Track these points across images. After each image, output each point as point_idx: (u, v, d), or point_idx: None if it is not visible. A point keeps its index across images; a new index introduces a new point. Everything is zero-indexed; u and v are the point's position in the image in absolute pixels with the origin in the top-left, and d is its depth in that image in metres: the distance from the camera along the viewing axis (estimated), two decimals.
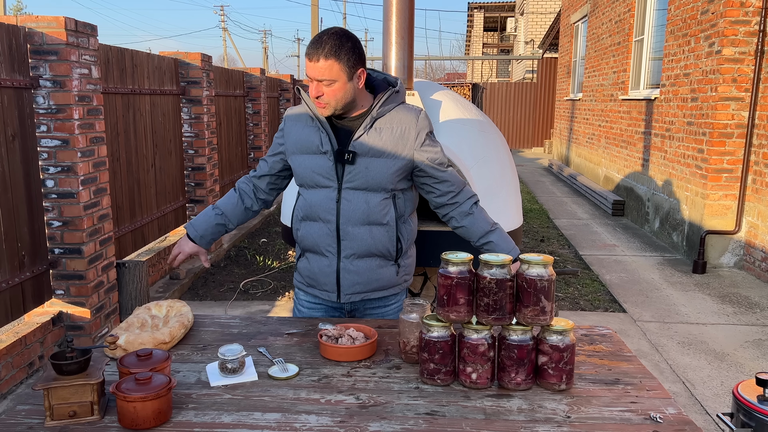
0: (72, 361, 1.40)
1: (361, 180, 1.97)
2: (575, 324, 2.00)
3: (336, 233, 2.00)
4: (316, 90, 1.88)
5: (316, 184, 2.01)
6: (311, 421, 1.41)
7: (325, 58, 1.83)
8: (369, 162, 1.96)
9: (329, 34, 1.85)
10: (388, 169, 1.97)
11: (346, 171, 1.97)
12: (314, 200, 2.01)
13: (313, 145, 1.99)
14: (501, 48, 25.88)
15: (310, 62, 1.86)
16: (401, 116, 1.99)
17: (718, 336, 4.17)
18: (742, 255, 5.74)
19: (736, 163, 5.68)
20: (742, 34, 5.48)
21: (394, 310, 2.16)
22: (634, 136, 8.06)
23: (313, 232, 2.04)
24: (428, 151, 1.99)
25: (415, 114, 2.00)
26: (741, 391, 1.77)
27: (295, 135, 2.04)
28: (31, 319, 3.60)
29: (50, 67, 3.50)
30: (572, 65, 12.99)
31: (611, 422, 1.42)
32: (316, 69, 1.85)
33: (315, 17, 21.16)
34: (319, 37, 1.86)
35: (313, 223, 2.04)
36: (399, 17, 3.52)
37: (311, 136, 2.00)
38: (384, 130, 1.97)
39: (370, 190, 1.98)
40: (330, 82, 1.86)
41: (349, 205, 1.98)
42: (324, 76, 1.84)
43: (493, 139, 3.72)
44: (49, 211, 3.65)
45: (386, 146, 1.96)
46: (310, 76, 1.87)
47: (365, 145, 1.95)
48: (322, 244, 2.03)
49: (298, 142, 2.03)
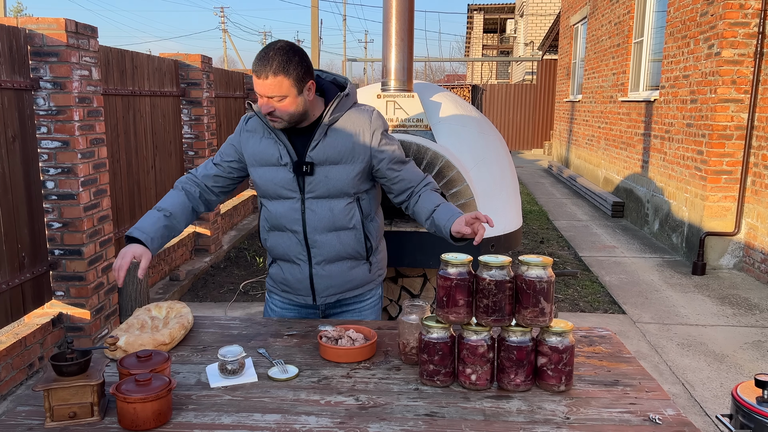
0: (72, 363, 1.40)
1: (322, 189, 1.98)
2: (574, 325, 2.00)
3: (304, 242, 2.02)
4: (266, 106, 1.85)
5: (279, 195, 2.01)
6: (311, 422, 1.41)
7: (274, 75, 1.80)
8: (328, 170, 1.96)
9: (275, 49, 1.82)
10: (347, 174, 1.98)
11: (307, 182, 1.97)
12: (279, 211, 2.02)
13: (273, 158, 1.98)
14: (501, 50, 25.90)
15: (258, 79, 1.82)
16: (354, 119, 1.98)
17: (717, 337, 4.17)
18: (741, 256, 5.74)
19: (735, 164, 5.69)
20: (742, 35, 5.49)
21: (370, 305, 2.19)
22: (634, 138, 8.07)
23: (281, 241, 2.06)
24: (384, 150, 1.99)
25: (368, 114, 2.00)
26: (740, 393, 1.77)
27: (253, 147, 2.01)
28: (31, 320, 3.61)
29: (51, 68, 3.51)
30: (572, 67, 13.01)
31: (610, 423, 1.42)
32: (265, 86, 1.82)
33: (315, 19, 21.18)
34: (266, 53, 1.82)
35: (281, 233, 2.05)
36: (399, 19, 3.53)
37: (269, 149, 1.98)
38: (339, 136, 1.96)
39: (332, 197, 1.99)
40: (281, 98, 1.84)
41: (314, 214, 1.99)
42: (274, 92, 1.82)
43: (492, 141, 3.73)
44: (49, 212, 3.65)
45: (343, 152, 1.96)
46: (260, 92, 1.84)
47: (322, 154, 1.95)
48: (292, 252, 2.05)
49: (257, 155, 2.00)
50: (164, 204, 2.02)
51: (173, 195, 2.06)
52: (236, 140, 2.06)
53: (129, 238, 1.93)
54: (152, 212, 2.00)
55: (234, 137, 2.08)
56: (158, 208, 2.01)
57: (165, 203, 2.03)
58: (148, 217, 1.98)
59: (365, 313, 2.18)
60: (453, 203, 3.07)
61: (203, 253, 6.04)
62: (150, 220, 1.97)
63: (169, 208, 2.01)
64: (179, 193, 2.07)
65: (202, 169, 2.11)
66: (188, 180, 2.10)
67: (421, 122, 3.50)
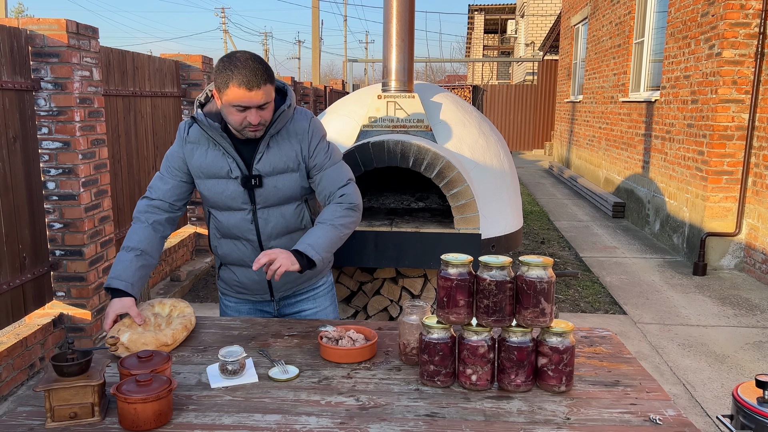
0: (73, 363, 1.40)
1: (273, 198, 1.99)
2: (575, 326, 2.00)
3: (259, 248, 2.03)
4: (256, 117, 1.82)
5: (229, 207, 2.00)
6: (311, 422, 1.41)
7: (265, 84, 1.80)
8: (276, 180, 1.97)
9: (251, 59, 1.79)
10: (295, 181, 2.00)
11: (257, 194, 1.97)
12: (230, 222, 2.01)
13: (222, 171, 1.95)
14: (501, 50, 25.90)
15: (250, 92, 1.77)
16: (296, 126, 1.98)
17: (718, 338, 4.17)
18: (742, 257, 5.74)
19: (736, 165, 5.68)
20: (742, 36, 5.49)
21: (324, 291, 2.23)
22: (635, 138, 8.06)
23: (234, 249, 2.06)
24: (317, 156, 2.00)
25: (307, 121, 2.00)
26: (741, 393, 1.77)
27: (199, 159, 1.97)
28: (32, 320, 3.61)
29: (51, 69, 3.51)
30: (572, 67, 13.01)
31: (611, 424, 1.42)
32: (259, 96, 1.79)
33: (316, 19, 21.20)
34: (246, 65, 1.77)
35: (234, 241, 2.06)
36: (399, 20, 3.53)
37: (218, 162, 1.95)
38: (282, 145, 1.96)
39: (283, 203, 2.01)
40: (267, 105, 1.85)
41: (267, 223, 2.01)
42: (266, 99, 1.82)
43: (492, 142, 3.73)
44: (50, 212, 3.66)
45: (287, 161, 1.97)
46: (250, 105, 1.79)
47: (268, 165, 1.95)
48: (247, 258, 2.05)
49: (204, 167, 1.97)
50: (132, 242, 1.94)
51: (139, 230, 1.97)
52: (180, 152, 2.00)
53: (109, 288, 1.88)
54: (123, 255, 1.92)
55: (177, 148, 2.01)
56: (128, 248, 1.93)
57: (132, 241, 1.94)
58: (121, 263, 1.90)
59: (320, 299, 2.22)
60: (453, 204, 3.07)
61: (204, 253, 6.04)
62: (124, 265, 1.90)
63: (139, 246, 1.94)
64: (144, 227, 1.98)
65: (158, 191, 2.01)
66: (148, 208, 2.00)
67: (422, 123, 3.51)
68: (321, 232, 1.94)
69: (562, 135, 13.90)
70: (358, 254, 3.14)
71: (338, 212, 1.98)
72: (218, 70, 1.82)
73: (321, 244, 1.91)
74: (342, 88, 17.42)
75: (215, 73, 1.84)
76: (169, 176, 2.02)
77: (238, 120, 1.83)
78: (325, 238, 1.93)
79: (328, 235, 1.94)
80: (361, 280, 3.63)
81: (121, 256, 1.93)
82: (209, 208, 2.06)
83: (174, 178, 2.01)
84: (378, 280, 3.61)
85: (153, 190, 2.03)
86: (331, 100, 14.15)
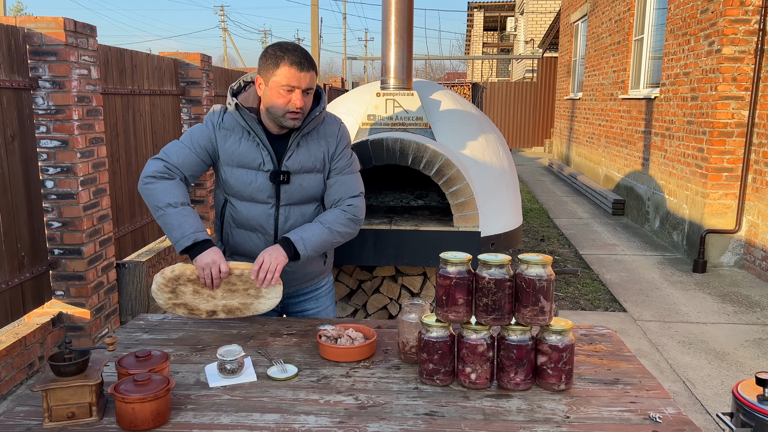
0: (70, 363, 1.40)
1: (297, 196, 2.01)
2: (575, 324, 2.00)
3: (273, 243, 2.04)
4: (301, 100, 1.86)
5: (253, 198, 2.01)
6: (310, 421, 1.41)
7: (312, 68, 1.88)
8: (302, 178, 2.00)
9: (297, 45, 1.89)
10: (320, 182, 2.04)
11: (282, 190, 1.99)
12: (251, 214, 2.02)
13: (255, 163, 1.97)
14: (501, 47, 25.86)
15: (301, 72, 1.84)
16: (326, 129, 2.04)
17: (718, 335, 4.17)
18: (742, 254, 5.74)
19: (736, 162, 5.68)
20: (742, 32, 5.47)
21: (325, 291, 2.26)
22: (634, 136, 8.05)
23: (248, 240, 2.07)
24: (339, 162, 2.05)
25: (337, 126, 2.06)
26: (741, 391, 1.77)
27: (231, 147, 1.97)
28: (31, 319, 3.60)
29: (49, 67, 3.50)
30: (572, 64, 12.99)
31: (610, 422, 1.41)
32: (307, 79, 1.86)
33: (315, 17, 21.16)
34: (298, 49, 1.87)
35: (249, 233, 2.06)
36: (398, 17, 3.52)
37: (251, 152, 1.96)
38: (311, 145, 2.00)
39: (305, 202, 2.04)
40: (311, 91, 1.91)
41: (287, 220, 2.02)
42: (311, 85, 1.89)
43: (492, 139, 3.72)
44: (48, 211, 3.65)
45: (316, 161, 2.01)
46: (297, 85, 1.84)
47: (296, 163, 1.98)
48: (258, 251, 2.03)
49: (236, 156, 1.97)
50: (176, 198, 1.89)
51: (173, 186, 1.91)
52: (212, 134, 1.98)
53: (191, 244, 1.86)
54: (180, 211, 1.87)
55: (208, 130, 1.98)
56: (176, 204, 1.88)
57: (175, 196, 1.89)
58: (187, 217, 1.86)
59: (322, 299, 2.25)
60: (452, 202, 3.06)
61: None
62: (192, 218, 1.87)
63: (185, 201, 1.91)
64: (177, 183, 1.92)
65: (177, 158, 1.95)
66: (165, 170, 1.94)
67: (421, 120, 3.50)
68: (317, 230, 1.96)
69: (561, 132, 13.88)
70: (358, 252, 3.13)
71: (340, 219, 2.00)
72: (268, 55, 1.86)
73: (312, 242, 1.93)
74: (341, 85, 17.40)
75: (263, 59, 1.88)
76: (192, 150, 1.96)
77: (284, 102, 1.86)
78: (318, 238, 1.95)
79: (323, 236, 1.96)
80: (361, 279, 3.62)
81: (181, 212, 1.86)
82: (229, 196, 2.05)
83: (198, 154, 1.97)
84: (377, 278, 3.60)
85: (170, 155, 1.95)
86: (330, 98, 14.12)
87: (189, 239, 1.84)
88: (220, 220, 2.12)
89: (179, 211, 1.87)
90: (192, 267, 1.87)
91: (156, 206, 1.89)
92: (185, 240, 1.84)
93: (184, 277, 1.87)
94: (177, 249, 1.86)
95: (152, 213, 1.90)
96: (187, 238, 1.84)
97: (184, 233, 1.85)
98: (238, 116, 1.95)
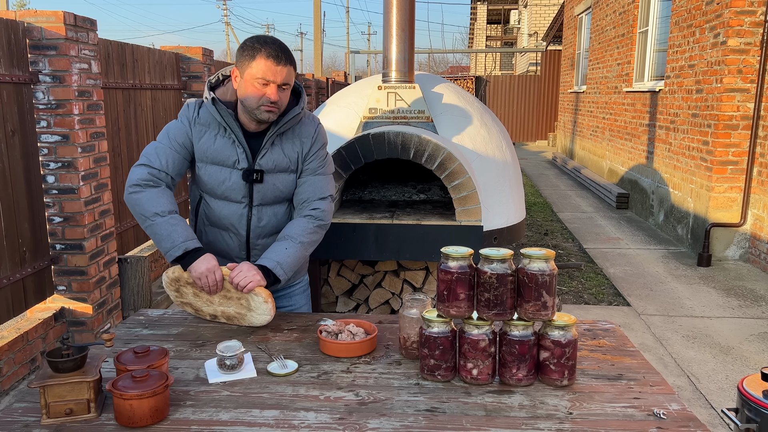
0: (68, 359, 1.38)
1: (270, 196, 1.99)
2: (578, 318, 1.98)
3: (245, 244, 2.03)
4: (276, 94, 1.83)
5: (227, 197, 1.98)
6: (310, 418, 1.39)
7: (290, 64, 1.84)
8: (276, 178, 1.97)
9: (279, 41, 1.85)
10: (293, 182, 2.01)
11: (255, 189, 1.96)
12: (223, 212, 1.99)
13: (230, 160, 1.93)
14: (504, 41, 25.75)
15: (277, 65, 1.80)
16: (302, 129, 2.00)
17: (723, 329, 4.14)
18: (747, 248, 5.70)
19: (741, 155, 5.63)
20: (748, 24, 5.42)
21: (300, 290, 2.23)
22: (639, 129, 8.01)
23: (221, 239, 2.04)
24: (311, 162, 2.01)
25: (313, 127, 2.02)
26: (746, 387, 1.75)
27: (206, 143, 1.93)
28: (33, 315, 3.60)
29: (50, 62, 3.48)
30: (576, 57, 12.92)
31: (614, 418, 1.40)
32: (283, 73, 1.83)
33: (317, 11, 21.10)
34: (276, 42, 1.83)
35: (222, 232, 2.04)
36: (399, 10, 3.49)
37: (226, 149, 1.93)
38: (286, 145, 1.97)
39: (278, 203, 2.01)
40: (288, 87, 1.87)
41: (260, 220, 2.00)
42: (288, 80, 1.85)
43: (494, 133, 3.70)
44: (50, 206, 3.64)
45: (290, 161, 1.98)
46: (273, 79, 1.81)
47: (270, 162, 1.95)
48: (231, 251, 2.04)
49: (210, 152, 1.94)
50: (163, 207, 1.86)
51: (159, 194, 1.87)
52: (188, 130, 1.94)
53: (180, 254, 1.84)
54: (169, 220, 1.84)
55: (184, 126, 1.94)
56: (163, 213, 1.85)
57: (163, 205, 1.86)
58: (176, 226, 1.83)
59: (295, 298, 2.21)
60: (455, 196, 3.04)
61: None
62: (181, 227, 1.84)
63: (173, 209, 1.88)
64: (162, 190, 1.89)
65: (159, 161, 1.90)
66: (150, 176, 1.89)
67: (423, 114, 3.47)
68: (291, 250, 1.91)
69: (565, 126, 13.82)
70: (359, 247, 3.12)
71: (309, 228, 1.96)
72: (245, 46, 1.83)
73: (289, 263, 1.90)
74: (344, 79, 17.35)
75: (240, 51, 1.85)
76: (172, 149, 1.92)
77: (258, 95, 1.83)
78: (294, 258, 1.91)
79: (297, 254, 1.93)
80: (363, 273, 3.61)
81: (169, 221, 1.83)
82: (203, 193, 2.02)
83: (179, 152, 1.93)
84: (379, 272, 3.59)
85: (153, 159, 1.90)
86: (333, 92, 14.09)
87: (179, 249, 1.82)
88: (195, 217, 2.08)
89: (167, 220, 1.85)
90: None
91: (143, 216, 1.86)
92: (175, 250, 1.82)
93: (183, 280, 1.89)
94: (168, 259, 1.84)
95: (140, 223, 1.87)
96: (177, 248, 1.82)
97: (174, 243, 1.82)
98: (215, 111, 1.90)
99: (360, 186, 3.84)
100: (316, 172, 2.01)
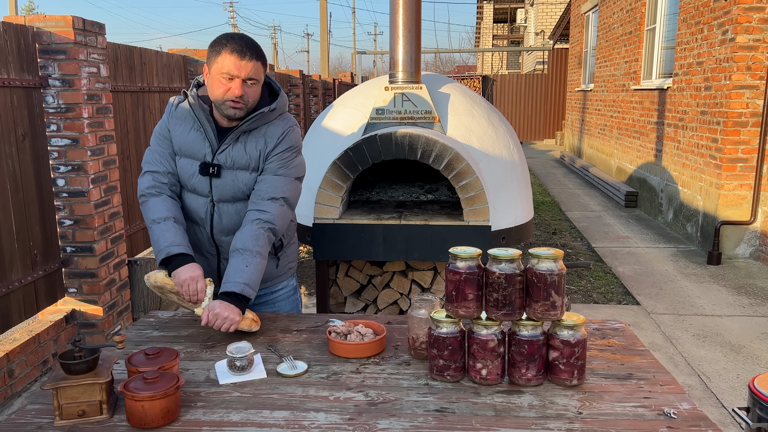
0: (80, 361, 1.40)
1: (229, 192, 1.97)
2: (587, 317, 1.98)
3: (212, 240, 2.03)
4: (240, 89, 1.82)
5: (195, 190, 1.99)
6: (320, 418, 1.40)
7: (257, 58, 1.83)
8: (236, 175, 1.96)
9: (247, 37, 1.85)
10: (254, 180, 1.98)
11: (214, 184, 1.96)
12: (192, 205, 2.01)
13: (199, 154, 1.95)
14: (511, 39, 25.68)
15: (241, 60, 1.80)
16: (270, 130, 1.96)
17: (733, 328, 4.12)
18: (757, 245, 5.66)
19: (750, 152, 5.59)
20: (756, 20, 5.38)
21: (284, 296, 2.20)
22: (647, 127, 7.97)
23: (193, 232, 2.05)
24: (271, 163, 1.96)
25: (281, 129, 1.97)
26: (757, 385, 1.74)
27: (180, 136, 1.97)
28: (45, 317, 3.63)
29: (59, 66, 3.51)
30: (583, 56, 12.87)
31: (624, 418, 1.39)
32: (248, 67, 1.82)
33: (324, 12, 21.14)
34: (242, 37, 1.84)
35: (194, 225, 2.05)
36: (406, 10, 3.49)
37: (197, 143, 1.95)
38: (249, 143, 1.94)
39: (239, 200, 1.99)
40: (255, 83, 1.86)
41: (221, 218, 2.00)
42: (254, 75, 1.84)
43: (502, 132, 3.69)
44: (60, 209, 3.67)
45: (251, 159, 1.95)
46: (237, 74, 1.81)
47: (228, 159, 1.94)
48: (202, 246, 2.05)
49: (183, 145, 1.97)
50: (162, 213, 1.93)
51: (160, 202, 1.95)
52: (168, 123, 2.01)
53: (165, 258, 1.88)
54: (162, 226, 1.91)
55: (164, 122, 2.01)
56: (160, 219, 1.92)
57: (161, 212, 1.93)
58: (165, 231, 1.89)
59: (279, 304, 2.20)
60: (462, 196, 3.04)
61: None
62: (171, 232, 1.89)
63: (170, 214, 1.93)
64: (164, 198, 1.97)
65: (156, 163, 1.98)
66: (156, 183, 1.98)
67: (430, 114, 3.47)
68: (252, 267, 1.86)
69: (573, 124, 13.77)
70: (368, 248, 3.12)
71: (262, 238, 1.90)
72: (213, 43, 1.86)
73: (254, 280, 1.87)
74: (351, 80, 17.36)
75: (209, 47, 1.87)
76: (164, 149, 2.00)
77: (223, 90, 1.84)
78: (257, 273, 1.88)
79: (259, 267, 1.89)
80: (371, 274, 3.61)
81: (161, 227, 1.90)
82: (182, 187, 2.05)
83: (167, 149, 2.00)
84: (388, 273, 3.59)
85: (152, 164, 2.00)
86: (340, 93, 14.11)
87: (162, 253, 1.88)
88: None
89: (160, 226, 1.92)
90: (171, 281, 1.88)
91: (147, 224, 1.97)
92: (160, 254, 1.89)
93: (166, 289, 1.90)
94: (157, 263, 1.91)
95: None
96: (161, 252, 1.89)
97: (160, 247, 1.89)
98: (189, 107, 1.95)
99: (368, 187, 3.85)
100: (276, 173, 1.95)
